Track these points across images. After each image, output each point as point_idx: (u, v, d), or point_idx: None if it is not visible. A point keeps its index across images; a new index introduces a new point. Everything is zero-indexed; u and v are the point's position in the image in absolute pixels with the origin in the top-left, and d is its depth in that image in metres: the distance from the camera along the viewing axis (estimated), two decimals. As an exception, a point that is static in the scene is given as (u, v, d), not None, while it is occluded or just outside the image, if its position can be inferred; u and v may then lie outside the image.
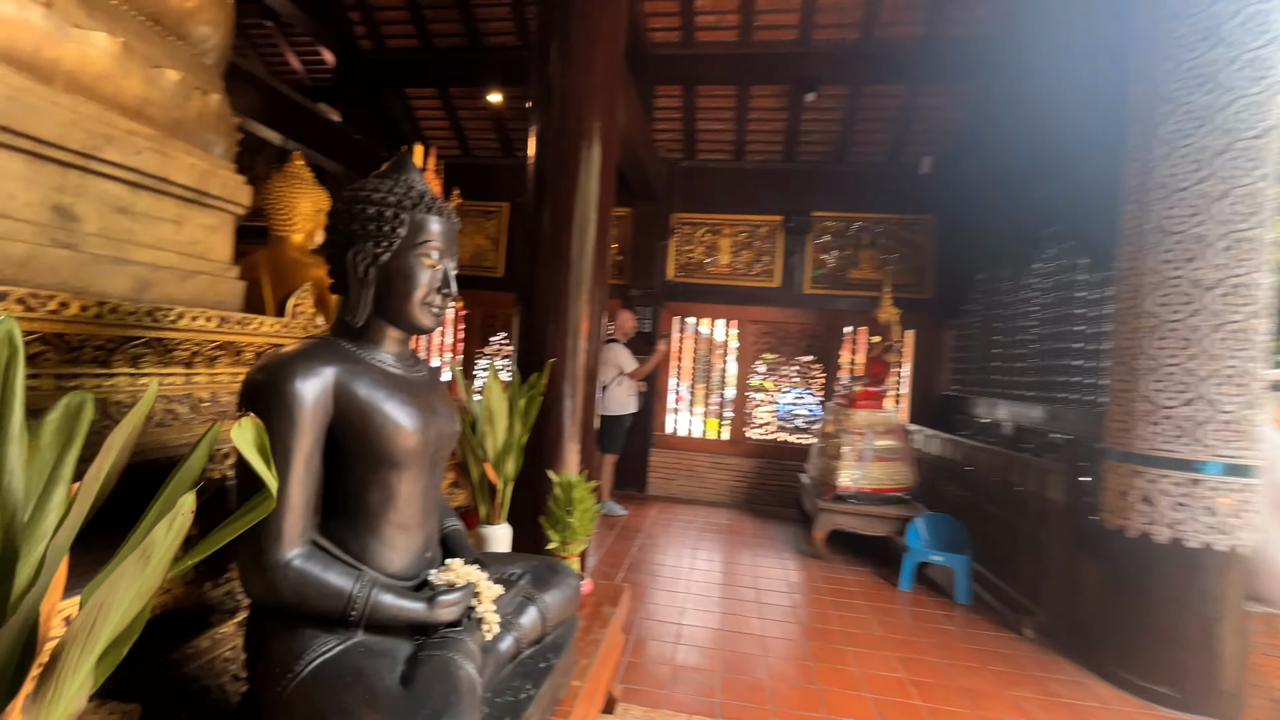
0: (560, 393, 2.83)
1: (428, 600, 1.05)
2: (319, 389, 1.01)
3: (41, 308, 1.10)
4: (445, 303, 1.22)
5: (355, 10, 5.39)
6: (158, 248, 1.50)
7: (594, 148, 2.90)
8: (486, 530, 1.78)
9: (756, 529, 4.86)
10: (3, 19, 1.16)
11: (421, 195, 1.18)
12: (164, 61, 1.47)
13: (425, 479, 1.18)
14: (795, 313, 5.93)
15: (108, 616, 0.51)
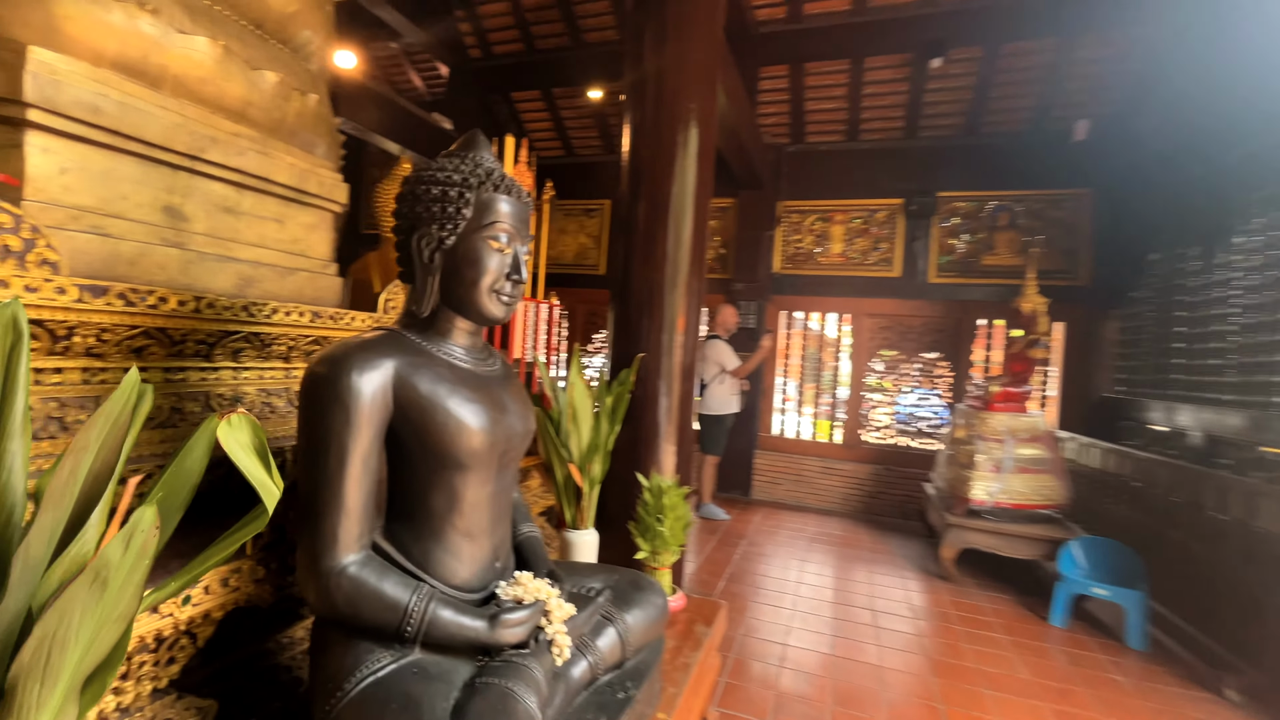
0: (655, 390, 2.70)
1: (490, 619, 0.94)
2: (378, 383, 0.94)
3: (141, 302, 1.13)
4: (516, 290, 1.11)
5: (465, 22, 5.62)
6: (260, 245, 1.54)
7: (691, 134, 2.73)
8: (571, 536, 1.68)
9: (873, 542, 4.44)
10: (113, 28, 1.21)
11: (489, 173, 1.08)
12: (264, 64, 1.51)
13: (494, 482, 1.09)
14: (918, 304, 5.37)
15: (64, 647, 0.42)
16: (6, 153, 1.09)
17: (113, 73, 1.22)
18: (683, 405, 2.77)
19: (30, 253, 0.97)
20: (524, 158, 2.29)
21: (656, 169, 2.72)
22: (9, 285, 0.95)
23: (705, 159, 2.81)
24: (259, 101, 1.50)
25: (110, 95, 1.19)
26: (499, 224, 1.07)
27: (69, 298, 1.02)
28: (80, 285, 1.04)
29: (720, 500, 5.26)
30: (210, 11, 1.42)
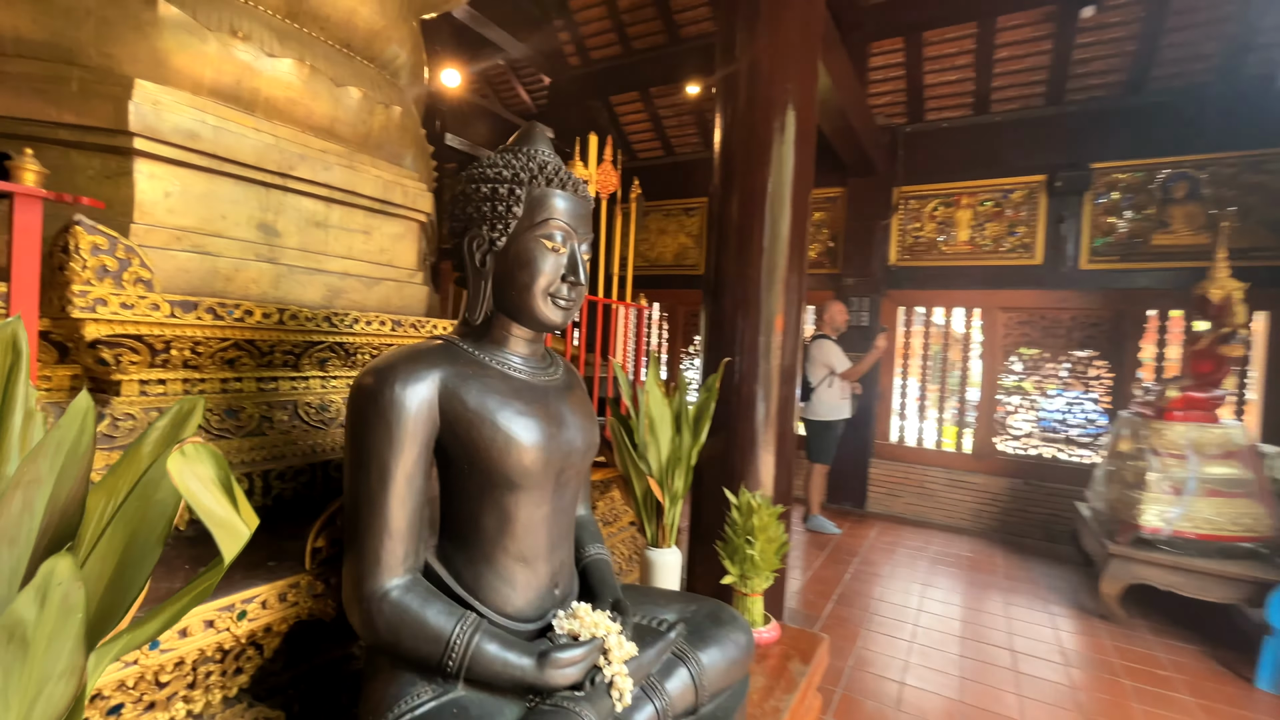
0: (751, 395, 2.52)
1: (539, 656, 0.85)
2: (423, 396, 0.89)
3: (229, 316, 1.17)
4: (574, 292, 1.02)
5: (564, 31, 5.73)
6: (348, 257, 1.59)
7: (788, 119, 2.52)
8: (652, 555, 1.56)
9: (1012, 567, 3.90)
10: (209, 57, 1.28)
11: (542, 167, 0.99)
12: (349, 81, 1.55)
13: (550, 502, 1.00)
14: (1066, 295, 4.66)
15: (-6, 712, 0.38)
16: (117, 181, 1.18)
17: (209, 99, 1.29)
18: (782, 411, 2.57)
19: (125, 271, 1.03)
20: (608, 156, 2.22)
21: (750, 159, 2.54)
22: (108, 303, 1.01)
23: (805, 145, 2.58)
24: (344, 117, 1.54)
25: (207, 120, 1.26)
26: (553, 221, 0.98)
27: (162, 313, 1.08)
28: (172, 301, 1.09)
29: (831, 512, 4.91)
30: (298, 34, 1.48)
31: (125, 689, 0.79)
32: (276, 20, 1.44)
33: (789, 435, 2.63)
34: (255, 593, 0.90)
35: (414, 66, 1.93)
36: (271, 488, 1.23)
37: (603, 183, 2.23)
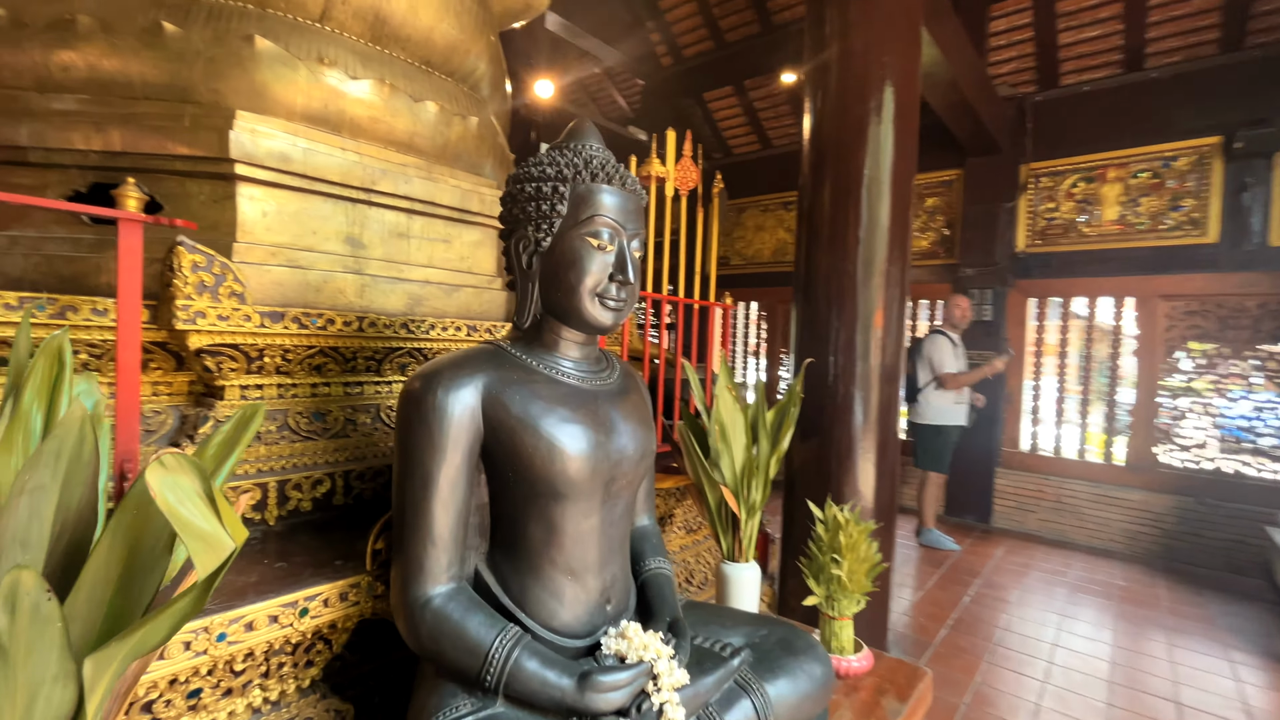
0: (848, 398, 2.33)
1: (579, 677, 0.80)
2: (466, 402, 0.87)
3: (313, 325, 1.25)
4: (624, 292, 0.96)
5: (655, 33, 5.72)
6: (429, 265, 1.65)
7: (885, 97, 2.31)
8: (727, 570, 1.47)
9: (1179, 601, 3.31)
10: (300, 85, 1.38)
11: (587, 163, 0.95)
12: (427, 95, 1.61)
13: (599, 513, 0.95)
14: (1251, 278, 3.90)
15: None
16: (223, 204, 1.30)
17: (301, 123, 1.39)
18: (884, 415, 2.35)
19: (221, 286, 1.12)
20: (688, 151, 2.14)
21: (843, 143, 2.35)
22: (206, 315, 1.10)
23: (906, 125, 2.35)
24: (423, 131, 1.60)
25: (298, 144, 1.35)
26: (599, 218, 0.93)
27: (253, 324, 1.16)
28: (261, 312, 1.17)
29: (949, 527, 4.47)
30: (379, 55, 1.56)
31: (200, 675, 0.85)
32: (360, 44, 1.53)
33: (892, 442, 2.41)
34: (317, 591, 0.93)
35: (494, 78, 1.98)
36: (352, 488, 1.30)
37: (682, 179, 2.16)
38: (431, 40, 1.67)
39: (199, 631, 0.80)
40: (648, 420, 1.06)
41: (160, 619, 0.44)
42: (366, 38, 1.56)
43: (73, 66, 1.28)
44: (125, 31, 1.28)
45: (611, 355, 1.15)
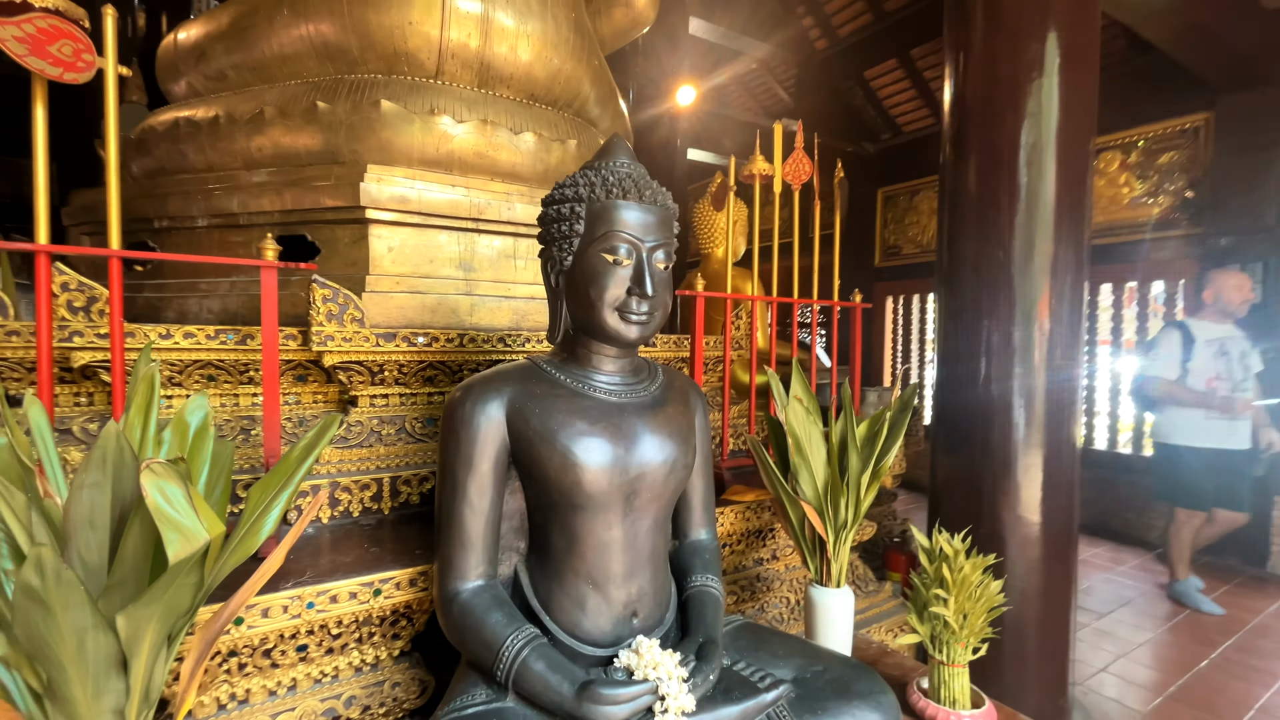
0: (1004, 404, 2.00)
1: (580, 686, 0.82)
2: (492, 415, 0.95)
3: (419, 343, 1.45)
4: (645, 305, 0.96)
5: (807, 17, 5.43)
6: (534, 283, 1.79)
7: (1047, 47, 1.93)
8: (814, 594, 1.36)
9: None
10: (416, 134, 1.60)
11: (605, 180, 0.97)
12: (525, 126, 1.76)
13: (622, 525, 0.96)
14: None
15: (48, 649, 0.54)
16: (360, 244, 1.57)
17: (418, 168, 1.61)
18: (1054, 425, 1.98)
19: (345, 313, 1.36)
20: (800, 143, 2.01)
21: (991, 106, 2.03)
22: (334, 338, 1.34)
23: (1079, 77, 1.96)
24: (523, 160, 1.75)
25: (414, 186, 1.57)
26: (614, 234, 0.95)
27: (370, 344, 1.39)
28: (377, 333, 1.39)
29: (1205, 570, 3.49)
30: (484, 97, 1.74)
31: (302, 635, 1.04)
32: (466, 91, 1.73)
33: (1066, 457, 2.00)
34: (390, 575, 1.08)
35: (600, 96, 2.07)
36: (454, 484, 1.47)
37: (793, 173, 2.04)
38: (532, 76, 1.81)
39: (294, 599, 0.99)
40: (682, 432, 1.04)
41: (174, 587, 0.57)
42: (473, 84, 1.75)
43: (264, 147, 1.64)
44: (294, 114, 1.60)
45: (660, 367, 1.15)
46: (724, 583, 1.62)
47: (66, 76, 1.00)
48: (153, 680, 0.66)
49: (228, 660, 1.00)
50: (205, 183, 1.68)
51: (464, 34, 1.67)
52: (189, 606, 0.63)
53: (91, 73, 1.03)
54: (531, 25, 1.76)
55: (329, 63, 1.68)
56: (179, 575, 0.56)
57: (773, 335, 2.66)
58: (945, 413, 2.14)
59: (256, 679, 1.04)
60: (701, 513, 1.18)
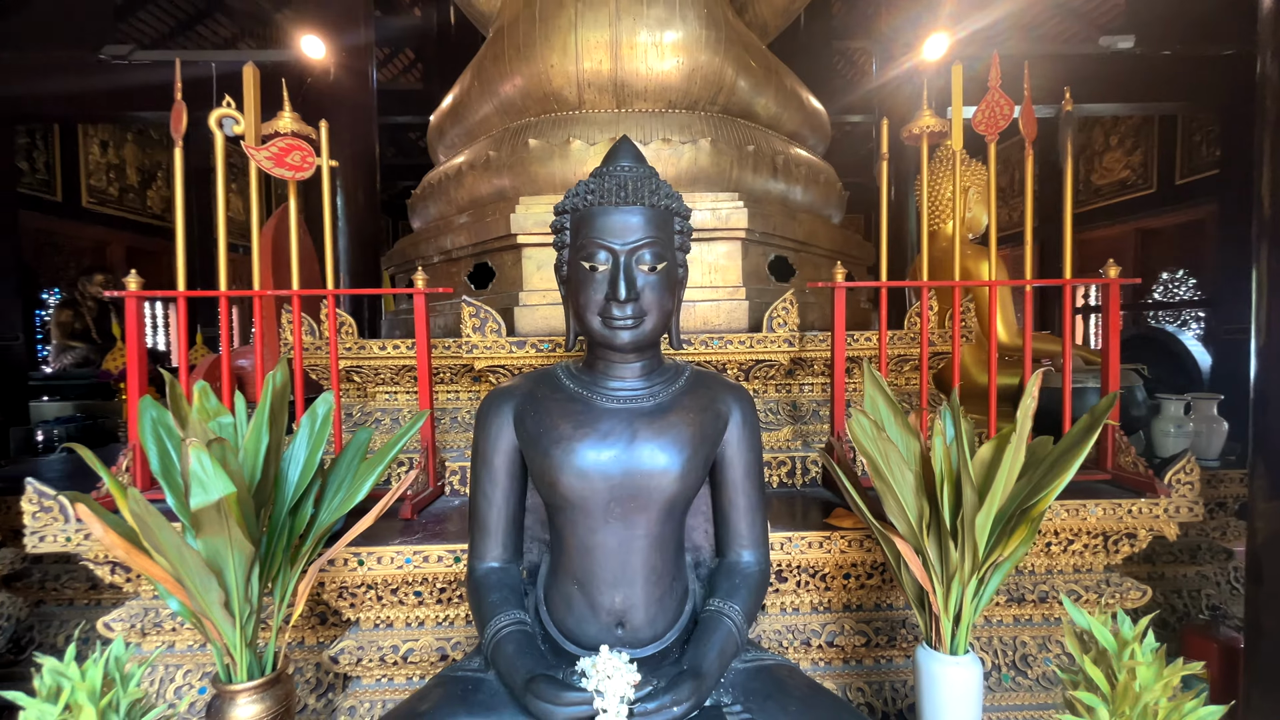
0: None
1: (529, 679, 0.86)
2: (501, 417, 1.04)
3: (544, 348, 1.64)
4: (623, 310, 0.94)
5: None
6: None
7: None
8: (921, 657, 1.08)
9: None
10: (555, 163, 1.80)
11: (587, 189, 0.98)
12: (654, 135, 1.80)
13: (607, 531, 0.96)
14: None
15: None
16: (516, 266, 1.85)
17: (559, 193, 1.82)
18: None
19: (485, 326, 1.64)
20: (994, 79, 1.54)
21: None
22: (478, 346, 1.63)
23: None
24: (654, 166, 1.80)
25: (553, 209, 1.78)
26: (591, 241, 0.96)
27: (505, 350, 1.64)
28: (511, 341, 1.64)
29: None
30: (618, 116, 1.85)
31: (417, 583, 1.32)
32: (602, 114, 1.86)
33: None
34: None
35: (754, 84, 1.97)
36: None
37: (987, 119, 1.59)
38: (665, 83, 1.85)
39: (397, 553, 1.27)
40: (685, 441, 0.97)
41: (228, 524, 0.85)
42: (611, 105, 1.88)
43: (463, 195, 2.07)
44: (479, 165, 1.98)
45: (695, 373, 1.09)
46: (853, 622, 1.40)
47: (297, 177, 1.48)
48: (249, 587, 0.96)
49: (370, 590, 1.34)
50: (437, 228, 2.20)
51: (595, 62, 1.81)
52: (255, 538, 0.91)
53: (312, 170, 1.49)
54: (657, 35, 1.80)
55: (505, 117, 2.03)
56: (211, 517, 0.83)
57: (1027, 327, 2.07)
58: (1271, 435, 1.38)
59: (396, 610, 1.37)
60: (744, 532, 1.07)
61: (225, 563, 0.92)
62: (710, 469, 1.07)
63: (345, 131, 4.22)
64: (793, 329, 1.68)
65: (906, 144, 1.64)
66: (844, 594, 1.43)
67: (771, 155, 1.98)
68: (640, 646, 0.96)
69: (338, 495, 1.13)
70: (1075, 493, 1.54)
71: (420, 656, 1.34)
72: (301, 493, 1.09)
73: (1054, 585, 1.57)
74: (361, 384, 1.86)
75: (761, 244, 1.92)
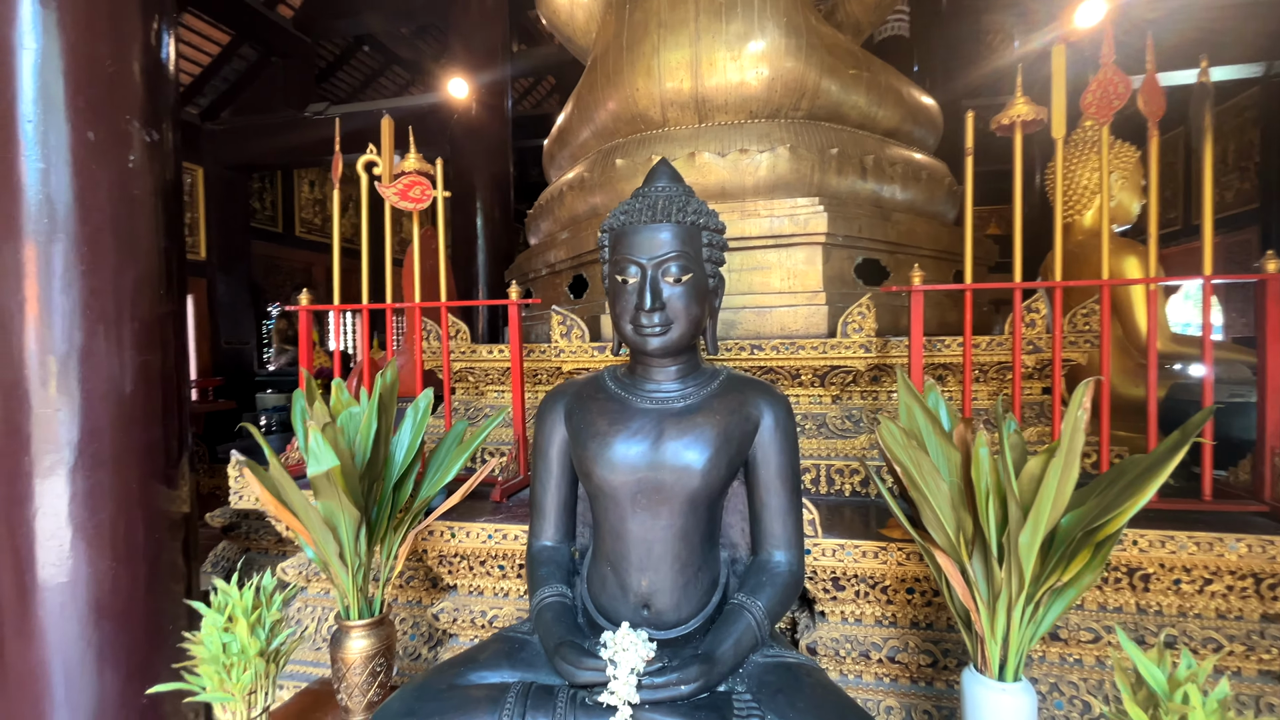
0: None
1: (557, 645, 0.99)
2: (555, 414, 1.18)
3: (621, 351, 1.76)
4: (654, 319, 1.04)
5: None
6: (748, 293, 1.87)
7: None
8: (966, 679, 1.02)
9: None
10: (636, 182, 1.92)
11: (623, 209, 1.09)
12: (732, 147, 1.85)
13: (634, 519, 1.05)
14: None
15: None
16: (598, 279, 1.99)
17: (642, 208, 1.94)
18: None
19: (571, 332, 1.80)
20: (1107, 53, 1.36)
21: None
22: (564, 350, 1.81)
23: None
24: (730, 177, 1.85)
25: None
26: (622, 257, 1.07)
27: (588, 354, 1.79)
28: (592, 346, 1.79)
29: None
30: (698, 131, 1.93)
31: (500, 556, 1.51)
32: (685, 130, 1.95)
33: None
34: (541, 528, 1.44)
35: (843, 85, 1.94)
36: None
37: (1099, 102, 1.43)
38: (744, 95, 1.89)
39: (482, 529, 1.46)
40: (708, 440, 1.04)
41: (339, 490, 1.08)
42: (694, 121, 1.96)
43: (563, 213, 2.28)
44: (576, 185, 2.17)
45: (731, 377, 1.15)
46: (918, 639, 1.35)
47: (418, 208, 1.76)
48: (359, 544, 1.20)
49: (463, 560, 1.56)
50: (545, 243, 2.44)
51: (677, 81, 1.91)
52: (363, 505, 1.14)
53: (429, 202, 1.77)
54: (736, 50, 1.85)
55: (599, 139, 2.20)
56: (323, 484, 1.06)
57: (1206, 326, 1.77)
58: None
59: (484, 580, 1.57)
60: (777, 532, 1.10)
61: (339, 522, 1.15)
62: (745, 470, 1.12)
63: (483, 158, 4.78)
64: (869, 334, 1.63)
65: (998, 136, 1.52)
66: (909, 609, 1.37)
67: (860, 156, 1.93)
68: (665, 629, 1.04)
69: (434, 476, 1.35)
70: (1214, 524, 1.34)
71: (504, 622, 1.53)
72: (403, 471, 1.32)
73: (1187, 630, 1.37)
74: (475, 383, 2.13)
75: (846, 247, 1.88)
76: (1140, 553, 1.32)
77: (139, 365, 1.59)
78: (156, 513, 1.65)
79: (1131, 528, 1.32)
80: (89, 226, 1.49)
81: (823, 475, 1.64)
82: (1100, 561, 0.97)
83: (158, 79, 1.65)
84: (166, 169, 1.69)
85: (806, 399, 1.79)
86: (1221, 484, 1.55)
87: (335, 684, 1.24)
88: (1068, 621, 1.39)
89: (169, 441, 1.69)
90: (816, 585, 1.37)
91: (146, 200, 1.61)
